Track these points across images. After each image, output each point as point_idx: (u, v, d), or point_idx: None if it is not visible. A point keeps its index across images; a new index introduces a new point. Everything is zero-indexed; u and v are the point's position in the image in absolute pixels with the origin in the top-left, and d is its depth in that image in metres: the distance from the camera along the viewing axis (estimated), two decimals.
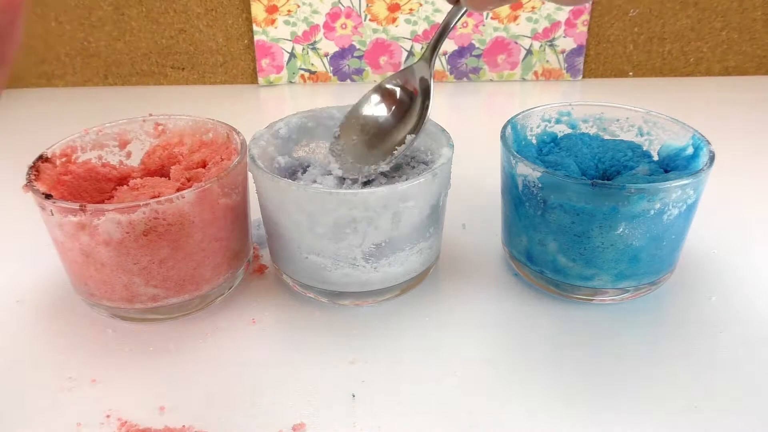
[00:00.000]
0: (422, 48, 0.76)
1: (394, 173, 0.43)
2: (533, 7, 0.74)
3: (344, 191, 0.36)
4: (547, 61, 0.77)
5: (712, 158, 0.38)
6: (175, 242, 0.36)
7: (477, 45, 0.76)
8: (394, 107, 0.42)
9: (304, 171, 0.45)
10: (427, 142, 0.44)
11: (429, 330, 0.39)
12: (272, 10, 0.74)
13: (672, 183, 0.35)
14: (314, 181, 0.42)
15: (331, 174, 0.42)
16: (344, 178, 0.42)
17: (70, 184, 0.41)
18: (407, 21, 0.75)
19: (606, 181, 0.37)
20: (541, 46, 0.76)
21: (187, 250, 0.37)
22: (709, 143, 0.39)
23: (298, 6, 0.74)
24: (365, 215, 0.36)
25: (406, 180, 0.37)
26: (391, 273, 0.39)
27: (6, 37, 0.25)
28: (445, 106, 0.74)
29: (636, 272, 0.38)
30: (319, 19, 0.75)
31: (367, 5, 0.74)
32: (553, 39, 0.75)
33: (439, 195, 0.39)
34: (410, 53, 0.77)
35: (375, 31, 0.75)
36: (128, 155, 0.45)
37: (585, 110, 0.46)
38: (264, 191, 0.39)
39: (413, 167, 0.43)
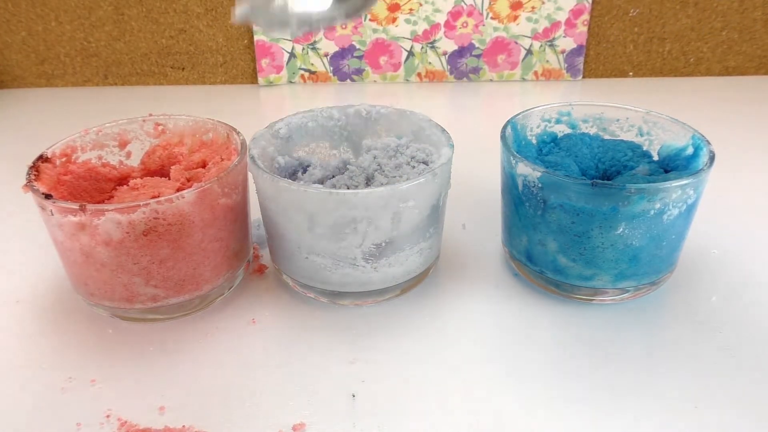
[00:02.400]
0: (422, 48, 0.76)
1: (395, 173, 0.43)
2: (533, 7, 0.74)
3: (344, 191, 0.36)
4: (547, 61, 0.77)
5: (712, 158, 0.38)
6: (175, 242, 0.36)
7: (477, 45, 0.76)
8: None
9: (304, 171, 0.45)
10: (426, 143, 0.44)
11: (429, 330, 0.39)
12: None
13: (672, 183, 0.35)
14: (315, 182, 0.42)
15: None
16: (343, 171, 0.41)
17: (70, 184, 0.41)
18: (407, 21, 0.75)
19: (606, 181, 0.37)
20: (541, 46, 0.76)
21: (187, 250, 0.37)
22: (709, 143, 0.39)
23: None
24: (365, 215, 0.36)
25: (407, 180, 0.37)
26: (391, 273, 0.39)
27: None
28: (445, 106, 0.74)
29: (636, 272, 0.38)
30: None
31: None
32: (553, 39, 0.75)
33: (440, 195, 0.39)
34: (410, 53, 0.77)
35: (375, 31, 0.75)
36: (128, 155, 0.45)
37: (585, 110, 0.46)
38: (264, 191, 0.39)
39: (413, 167, 0.43)
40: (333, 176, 0.45)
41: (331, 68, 0.78)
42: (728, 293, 0.41)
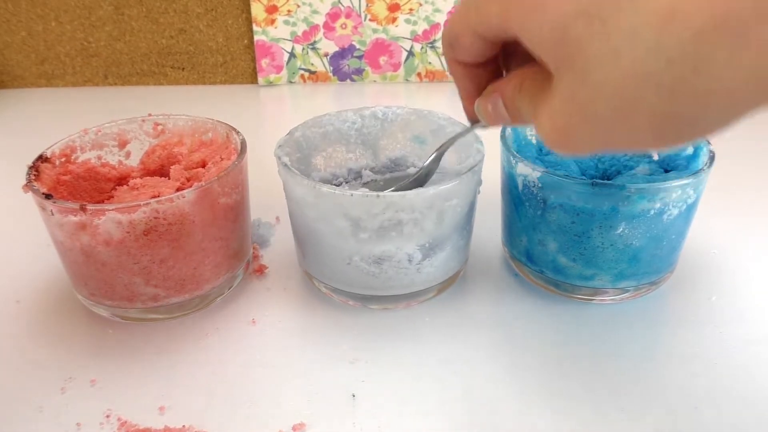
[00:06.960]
0: (422, 48, 0.76)
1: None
2: None
3: (391, 194, 0.35)
4: None
5: (712, 158, 0.38)
6: (175, 242, 0.36)
7: None
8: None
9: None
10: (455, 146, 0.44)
11: (429, 330, 0.39)
12: (272, 10, 0.74)
13: (672, 183, 0.35)
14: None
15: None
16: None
17: (69, 184, 0.41)
18: (407, 21, 0.75)
19: (606, 181, 0.37)
20: None
21: (188, 249, 0.37)
22: (709, 143, 0.39)
23: (298, 6, 0.74)
24: (411, 217, 0.36)
25: (440, 180, 0.37)
26: (433, 273, 0.39)
27: None
28: (445, 106, 0.74)
29: (636, 272, 0.38)
30: (319, 19, 0.75)
31: (367, 5, 0.74)
32: None
33: (475, 192, 0.39)
34: (410, 53, 0.77)
35: (375, 31, 0.75)
36: (127, 155, 0.45)
37: None
38: (301, 198, 0.38)
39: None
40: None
41: (331, 68, 0.78)
42: (728, 293, 0.41)
